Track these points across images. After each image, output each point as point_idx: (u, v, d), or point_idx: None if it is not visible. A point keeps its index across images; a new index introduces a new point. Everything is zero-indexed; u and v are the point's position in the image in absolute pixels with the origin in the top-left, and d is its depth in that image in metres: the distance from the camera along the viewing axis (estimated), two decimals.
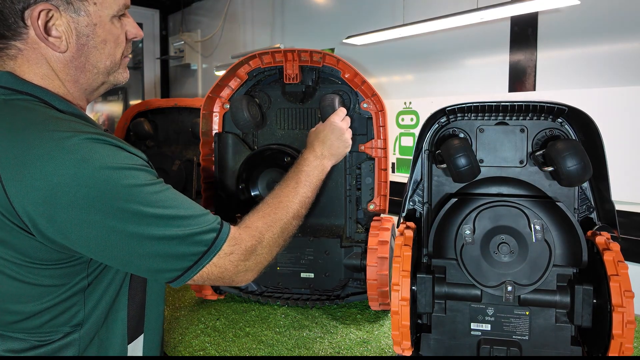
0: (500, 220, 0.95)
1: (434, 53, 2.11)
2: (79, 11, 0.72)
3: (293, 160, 1.41)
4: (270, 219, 0.87)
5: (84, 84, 0.78)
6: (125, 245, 0.69)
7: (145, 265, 0.72)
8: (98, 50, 0.76)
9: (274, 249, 0.86)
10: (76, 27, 0.73)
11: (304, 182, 0.99)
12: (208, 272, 0.75)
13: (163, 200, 0.72)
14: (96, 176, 0.65)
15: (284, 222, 0.89)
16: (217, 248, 0.75)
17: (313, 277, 1.39)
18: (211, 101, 1.46)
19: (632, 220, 1.49)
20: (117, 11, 0.77)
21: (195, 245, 0.73)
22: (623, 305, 0.83)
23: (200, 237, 0.73)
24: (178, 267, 0.73)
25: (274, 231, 0.86)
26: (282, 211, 0.90)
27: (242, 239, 0.80)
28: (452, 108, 1.03)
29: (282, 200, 0.92)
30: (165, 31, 4.25)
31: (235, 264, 0.78)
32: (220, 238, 0.76)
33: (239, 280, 0.81)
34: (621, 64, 1.54)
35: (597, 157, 0.93)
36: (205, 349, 1.15)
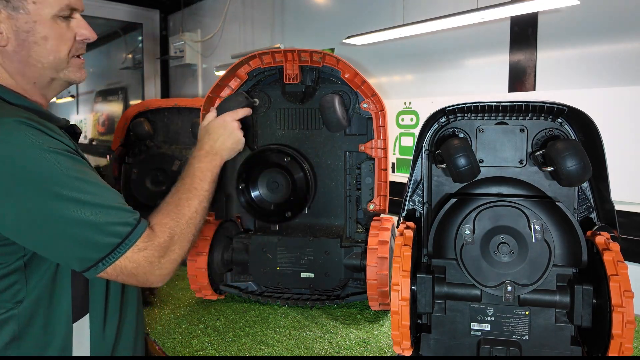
0: (500, 220, 0.95)
1: (434, 53, 2.11)
2: (17, 9, 0.78)
3: (293, 160, 1.42)
4: (175, 215, 0.88)
5: (32, 78, 0.84)
6: (39, 226, 0.72)
7: (58, 250, 0.75)
8: (39, 46, 0.81)
9: (184, 244, 0.87)
10: (15, 24, 0.79)
11: (199, 177, 1.00)
12: (122, 266, 0.77)
13: (83, 186, 0.75)
14: (14, 156, 0.69)
15: (188, 217, 0.90)
16: (131, 242, 0.77)
17: (313, 277, 1.39)
18: (211, 101, 1.46)
19: (632, 220, 1.49)
20: (59, 11, 0.82)
21: (110, 235, 0.75)
22: (623, 305, 0.83)
23: (115, 227, 0.76)
24: (91, 257, 0.75)
25: (182, 227, 0.87)
26: (184, 207, 0.91)
27: (155, 235, 0.82)
28: (452, 108, 1.03)
29: (182, 197, 0.93)
30: (165, 31, 4.25)
31: (149, 261, 0.80)
32: (135, 232, 0.78)
33: (153, 280, 0.82)
34: (621, 64, 1.54)
35: (597, 157, 0.93)
36: (205, 349, 1.15)
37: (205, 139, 1.11)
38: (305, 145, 1.46)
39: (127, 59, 4.58)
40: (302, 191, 1.41)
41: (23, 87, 0.84)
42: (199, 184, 0.98)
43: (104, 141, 4.71)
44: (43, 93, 0.87)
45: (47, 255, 0.77)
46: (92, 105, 5.27)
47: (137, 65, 4.40)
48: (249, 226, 1.57)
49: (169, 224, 0.86)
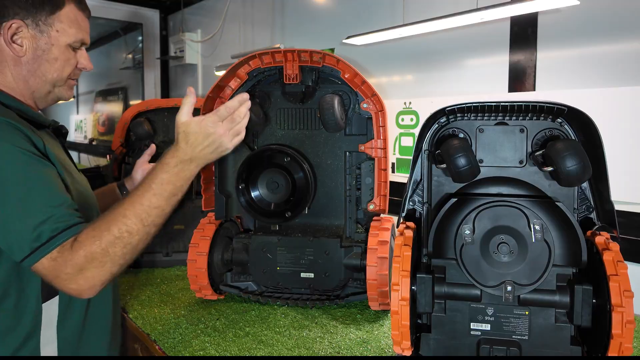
0: (499, 220, 0.95)
1: (434, 53, 2.11)
2: (42, 32, 0.95)
3: (293, 160, 1.42)
4: (101, 234, 0.83)
5: (33, 86, 0.98)
6: None
7: None
8: (49, 63, 0.97)
9: (104, 263, 0.82)
10: (36, 42, 0.95)
11: (153, 191, 0.88)
12: (39, 269, 0.81)
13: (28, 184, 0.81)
14: None
15: (116, 236, 0.83)
16: (47, 249, 0.80)
17: (313, 277, 1.39)
18: (211, 101, 1.46)
19: (631, 220, 1.49)
20: (73, 42, 0.99)
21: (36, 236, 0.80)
22: (622, 305, 0.83)
23: (40, 230, 0.80)
24: (19, 252, 0.80)
25: (104, 245, 0.82)
26: (115, 224, 0.84)
27: (71, 250, 0.81)
28: (452, 108, 1.03)
29: (122, 212, 0.85)
30: (165, 31, 4.24)
31: (57, 274, 0.81)
32: (54, 240, 0.80)
33: (70, 290, 0.82)
34: (621, 64, 1.54)
35: (597, 157, 0.93)
36: (205, 349, 1.15)
37: (182, 145, 0.93)
38: (305, 145, 1.46)
39: (127, 59, 4.57)
40: (302, 191, 1.41)
41: (21, 92, 0.98)
42: (149, 199, 0.87)
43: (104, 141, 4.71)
44: (36, 101, 1.01)
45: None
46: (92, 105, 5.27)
47: (137, 65, 4.39)
48: (249, 226, 1.57)
49: (87, 242, 0.82)
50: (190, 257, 1.40)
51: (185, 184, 0.93)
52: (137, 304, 1.44)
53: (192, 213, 1.86)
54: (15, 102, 0.95)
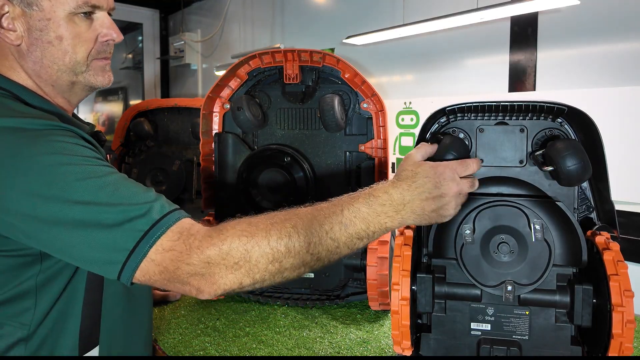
0: (500, 220, 0.95)
1: (434, 53, 2.11)
2: (31, 5, 0.71)
3: (293, 160, 1.41)
4: (255, 233, 0.64)
5: (48, 80, 0.77)
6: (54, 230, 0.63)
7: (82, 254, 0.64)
8: (53, 46, 0.74)
9: (240, 269, 0.63)
10: (28, 21, 0.72)
11: (343, 218, 0.68)
12: (147, 270, 0.62)
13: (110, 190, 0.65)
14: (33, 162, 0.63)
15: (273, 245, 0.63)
16: (152, 237, 0.62)
17: (313, 277, 1.39)
18: (211, 101, 1.46)
19: (632, 220, 1.49)
20: (76, 7, 0.74)
21: (129, 232, 0.62)
22: (623, 304, 0.83)
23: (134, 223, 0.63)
24: (114, 259, 0.63)
25: (249, 249, 0.63)
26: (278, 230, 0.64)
27: (196, 235, 0.63)
28: (452, 108, 1.03)
29: (293, 220, 0.66)
30: (165, 31, 4.24)
31: (175, 264, 0.62)
32: (160, 226, 0.63)
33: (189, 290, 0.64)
34: (621, 64, 1.54)
35: (597, 157, 0.93)
36: (205, 349, 1.15)
37: (403, 184, 0.73)
38: (305, 145, 1.46)
39: (127, 59, 4.58)
40: (302, 191, 1.41)
41: (43, 89, 0.77)
42: (331, 224, 0.68)
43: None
44: (65, 97, 0.80)
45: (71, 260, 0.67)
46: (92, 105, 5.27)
47: (137, 65, 4.39)
48: None
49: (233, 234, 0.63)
50: None
51: (377, 234, 0.72)
52: None
53: (192, 213, 1.86)
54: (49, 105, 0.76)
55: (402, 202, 0.72)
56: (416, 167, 0.74)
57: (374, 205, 0.71)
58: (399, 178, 0.74)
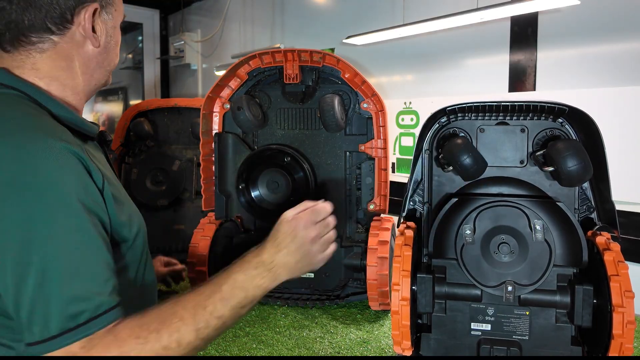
0: (500, 220, 0.95)
1: (434, 53, 2.11)
2: (109, 14, 0.79)
3: (293, 160, 1.41)
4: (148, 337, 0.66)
5: (97, 79, 0.82)
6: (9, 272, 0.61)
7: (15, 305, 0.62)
8: (114, 50, 0.83)
9: None
10: (106, 27, 0.79)
11: (222, 295, 0.72)
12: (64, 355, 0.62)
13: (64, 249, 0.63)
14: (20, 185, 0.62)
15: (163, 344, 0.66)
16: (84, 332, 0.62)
17: (313, 277, 1.39)
18: (211, 101, 1.46)
19: (632, 220, 1.49)
20: (123, 19, 0.84)
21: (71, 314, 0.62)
22: (623, 305, 0.83)
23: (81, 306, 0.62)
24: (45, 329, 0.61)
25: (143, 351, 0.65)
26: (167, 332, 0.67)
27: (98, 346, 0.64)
28: (453, 108, 1.03)
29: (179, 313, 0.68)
30: (165, 31, 4.24)
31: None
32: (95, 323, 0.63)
33: None
34: (621, 64, 1.54)
35: (598, 157, 0.93)
36: (205, 349, 1.15)
37: (269, 246, 0.78)
38: (305, 145, 1.46)
39: (127, 59, 4.57)
40: (302, 191, 1.41)
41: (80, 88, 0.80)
42: (215, 304, 0.70)
43: None
44: (87, 97, 0.84)
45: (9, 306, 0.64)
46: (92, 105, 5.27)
47: (137, 65, 4.39)
48: (249, 226, 1.57)
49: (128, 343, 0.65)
50: (190, 257, 1.40)
51: (257, 297, 0.74)
52: None
53: (192, 213, 1.85)
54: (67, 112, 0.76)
55: (271, 261, 0.76)
56: (278, 226, 0.79)
57: (248, 270, 0.75)
58: (268, 239, 0.78)
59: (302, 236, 0.78)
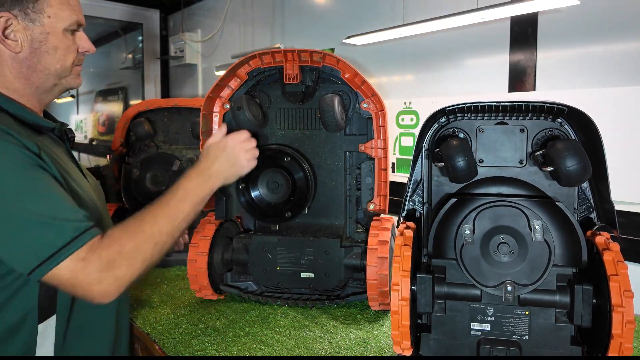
0: (500, 220, 0.95)
1: (434, 53, 2.11)
2: (34, 21, 0.87)
3: (293, 160, 1.42)
4: (134, 231, 0.84)
5: (36, 82, 0.92)
6: None
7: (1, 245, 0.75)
8: (49, 55, 0.90)
9: (135, 263, 0.81)
10: (31, 34, 0.88)
11: (179, 197, 0.94)
12: (59, 275, 0.76)
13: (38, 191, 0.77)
14: None
15: (149, 234, 0.85)
16: (71, 249, 0.75)
17: (313, 277, 1.39)
18: (211, 101, 1.46)
19: (632, 220, 1.49)
20: (69, 25, 0.91)
21: (54, 237, 0.75)
22: (623, 305, 0.83)
23: (59, 230, 0.76)
24: (33, 256, 0.75)
25: (137, 242, 0.83)
26: (147, 224, 0.86)
27: (101, 247, 0.79)
28: (452, 108, 1.03)
29: (152, 213, 0.89)
30: (165, 31, 4.24)
31: (86, 273, 0.76)
32: (78, 240, 0.76)
33: (95, 293, 0.78)
34: (621, 64, 1.54)
35: (597, 157, 0.93)
36: (205, 349, 1.15)
37: (203, 159, 1.07)
38: (305, 145, 1.46)
39: (127, 59, 4.58)
40: (302, 191, 1.41)
41: (23, 91, 0.91)
42: (176, 204, 0.93)
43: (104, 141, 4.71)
44: (41, 97, 0.95)
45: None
46: (92, 105, 5.27)
47: (137, 65, 4.39)
48: (249, 226, 1.57)
49: (120, 238, 0.81)
50: (190, 257, 1.40)
51: (206, 196, 1.00)
52: (137, 304, 1.44)
53: None
54: (13, 105, 0.89)
55: (209, 172, 1.04)
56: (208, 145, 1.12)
57: (192, 180, 1.00)
58: (200, 159, 1.08)
59: (231, 148, 1.10)
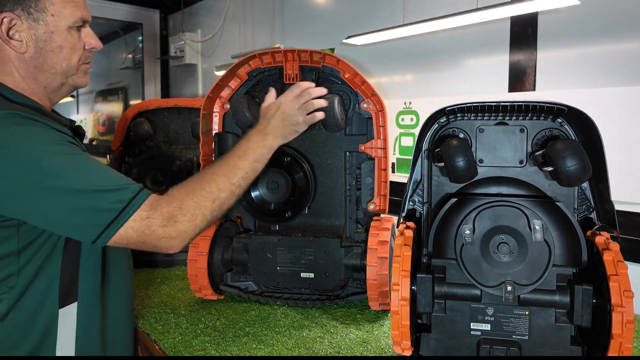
0: (500, 220, 0.95)
1: (434, 53, 2.11)
2: (38, 20, 0.87)
3: (293, 160, 1.42)
4: (193, 187, 0.89)
5: (44, 82, 0.92)
6: (42, 199, 0.77)
7: (62, 220, 0.79)
8: (55, 54, 0.90)
9: (196, 217, 0.86)
10: (35, 34, 0.87)
11: (238, 155, 1.00)
12: (126, 235, 0.80)
13: (78, 163, 0.81)
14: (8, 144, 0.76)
15: (208, 191, 0.89)
16: (132, 209, 0.80)
17: (313, 277, 1.39)
18: (211, 101, 1.46)
19: (631, 220, 1.49)
20: (74, 23, 0.91)
21: (111, 202, 0.79)
22: (622, 305, 0.83)
23: (115, 195, 0.80)
24: (95, 223, 0.79)
25: (196, 199, 0.87)
26: (206, 182, 0.91)
27: (160, 204, 0.83)
28: (452, 108, 1.03)
29: (209, 171, 0.94)
30: (165, 31, 4.24)
31: (152, 229, 0.82)
32: (137, 200, 0.81)
33: (162, 247, 0.84)
34: (621, 64, 1.54)
35: (597, 157, 0.93)
36: (205, 349, 1.15)
37: (261, 120, 1.12)
38: (305, 145, 1.46)
39: (127, 59, 4.58)
40: (302, 191, 1.41)
41: (33, 90, 0.91)
42: (236, 161, 0.98)
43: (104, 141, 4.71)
44: (50, 97, 0.95)
45: (52, 228, 0.82)
46: (92, 105, 5.27)
47: (137, 65, 4.39)
48: (249, 226, 1.57)
49: (180, 195, 0.86)
50: (190, 257, 1.40)
51: (266, 154, 1.05)
52: (137, 303, 1.44)
53: None
54: (30, 101, 0.90)
55: (266, 130, 1.09)
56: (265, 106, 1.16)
57: (251, 139, 1.05)
58: (260, 116, 1.14)
59: (285, 106, 1.11)
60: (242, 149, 1.01)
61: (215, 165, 0.97)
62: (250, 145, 1.03)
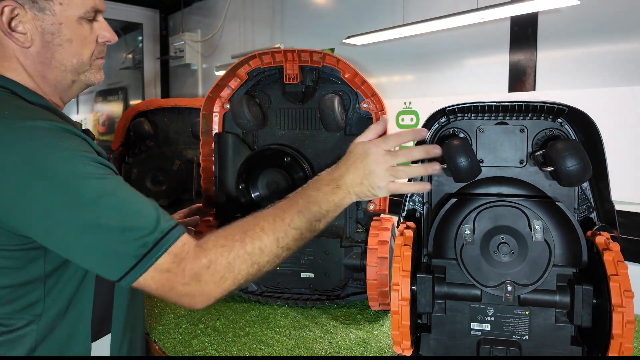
0: (500, 220, 0.95)
1: (434, 53, 2.11)
2: (44, 10, 0.75)
3: (293, 160, 1.41)
4: (232, 240, 0.73)
5: (53, 80, 0.80)
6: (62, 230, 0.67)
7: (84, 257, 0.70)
8: (64, 48, 0.79)
9: (226, 279, 0.72)
10: (41, 25, 0.76)
11: (298, 208, 0.78)
12: (146, 284, 0.69)
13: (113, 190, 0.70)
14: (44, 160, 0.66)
15: (249, 251, 0.73)
16: (154, 256, 0.68)
17: (313, 277, 1.39)
18: (211, 101, 1.46)
19: (632, 220, 1.49)
20: (85, 13, 0.79)
21: (137, 246, 0.68)
22: (623, 305, 0.83)
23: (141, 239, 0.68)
24: (118, 266, 0.68)
25: (231, 259, 0.72)
26: (250, 238, 0.74)
27: (186, 257, 0.70)
28: (452, 108, 1.03)
29: (258, 224, 0.76)
30: (165, 31, 4.25)
31: (172, 285, 0.69)
32: (161, 245, 0.69)
33: (183, 303, 0.72)
34: (621, 64, 1.54)
35: (597, 157, 0.93)
36: (205, 349, 1.15)
37: (341, 161, 0.83)
38: (305, 145, 1.46)
39: (127, 59, 4.58)
40: None
41: (43, 89, 0.81)
42: (292, 216, 0.77)
43: (104, 141, 4.71)
44: (62, 96, 0.84)
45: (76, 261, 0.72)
46: (92, 105, 5.27)
47: (137, 65, 4.40)
48: None
49: (214, 248, 0.71)
50: None
51: (332, 212, 0.81)
52: None
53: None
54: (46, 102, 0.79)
55: (341, 177, 0.81)
56: (354, 146, 0.83)
57: (321, 187, 0.80)
58: (342, 159, 0.83)
59: (371, 159, 0.80)
60: (306, 199, 0.79)
61: (267, 215, 0.77)
62: (316, 197, 0.79)
